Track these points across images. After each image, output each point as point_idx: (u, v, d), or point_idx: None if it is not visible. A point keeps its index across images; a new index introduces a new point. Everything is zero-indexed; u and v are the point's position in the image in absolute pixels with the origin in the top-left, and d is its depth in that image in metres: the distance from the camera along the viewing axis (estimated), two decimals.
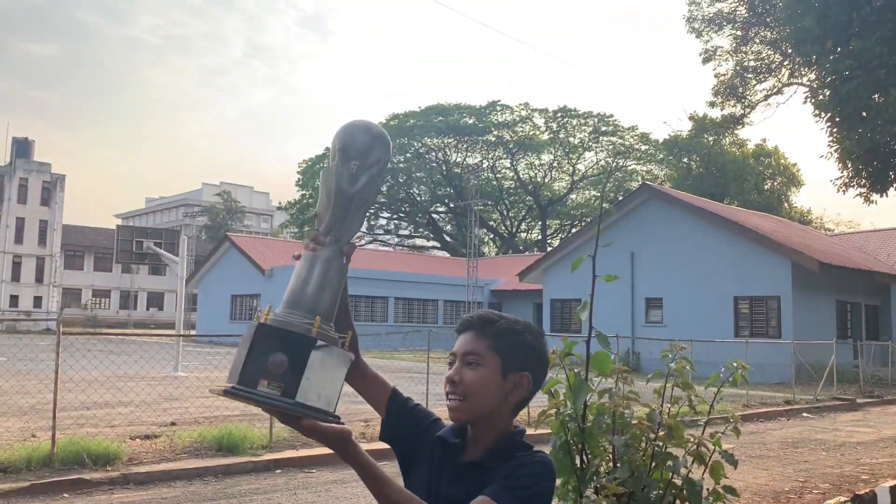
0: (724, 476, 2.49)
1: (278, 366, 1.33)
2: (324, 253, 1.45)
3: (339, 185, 1.46)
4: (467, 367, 1.59)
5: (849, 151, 13.07)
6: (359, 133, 1.50)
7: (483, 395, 1.58)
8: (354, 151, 1.48)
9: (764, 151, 47.89)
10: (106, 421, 10.35)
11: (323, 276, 1.44)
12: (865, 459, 10.17)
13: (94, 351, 12.77)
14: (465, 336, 1.64)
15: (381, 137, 1.52)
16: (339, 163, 1.47)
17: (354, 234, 1.53)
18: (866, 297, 27.05)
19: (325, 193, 1.48)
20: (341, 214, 1.48)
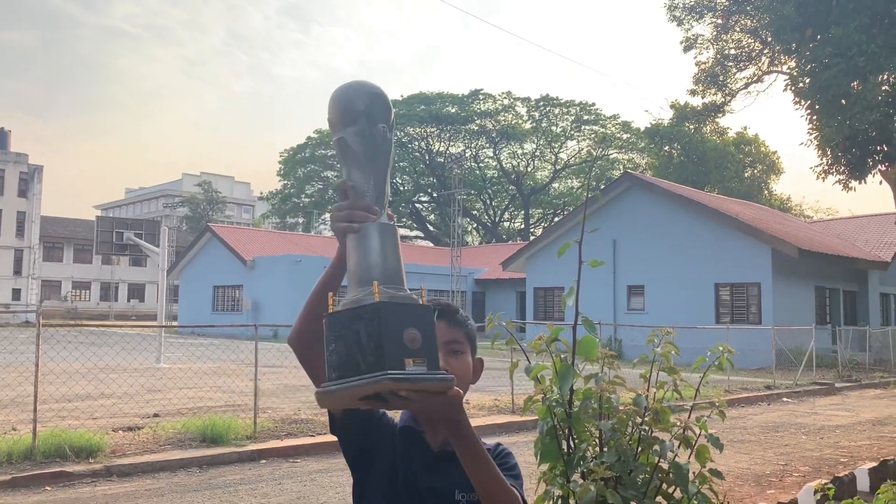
0: (709, 459, 2.51)
1: (415, 341, 1.25)
2: (385, 222, 1.38)
3: (376, 149, 1.41)
4: (452, 356, 1.62)
5: (828, 139, 13.17)
6: (376, 94, 1.44)
7: (466, 381, 1.64)
8: (379, 113, 1.43)
9: (744, 139, 48.23)
10: (88, 413, 10.27)
11: (395, 246, 1.38)
12: (844, 442, 10.32)
13: (74, 343, 12.65)
14: (440, 325, 1.62)
15: (386, 96, 1.48)
16: (367, 126, 1.41)
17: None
18: (845, 282, 27.39)
19: (363, 161, 1.40)
20: (382, 180, 1.42)
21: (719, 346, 2.50)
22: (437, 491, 1.56)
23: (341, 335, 1.26)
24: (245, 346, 16.07)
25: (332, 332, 1.27)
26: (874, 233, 30.66)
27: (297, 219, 64.58)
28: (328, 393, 1.25)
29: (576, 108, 60.77)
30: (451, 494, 1.57)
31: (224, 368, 15.38)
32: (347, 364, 1.24)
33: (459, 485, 1.56)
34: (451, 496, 1.57)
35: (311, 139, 63.60)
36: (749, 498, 6.88)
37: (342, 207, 1.38)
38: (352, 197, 1.39)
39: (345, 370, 1.24)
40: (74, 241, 64.86)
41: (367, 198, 1.39)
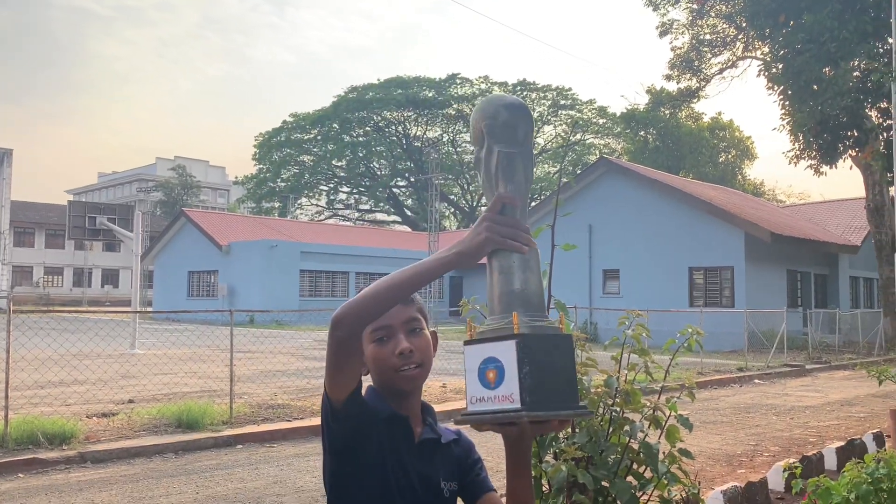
0: (679, 440, 2.55)
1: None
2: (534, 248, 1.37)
3: (531, 172, 1.41)
4: (414, 335, 1.57)
5: (800, 124, 13.35)
6: (528, 113, 1.43)
7: (430, 358, 1.61)
8: (532, 132, 1.43)
9: (719, 125, 48.63)
10: (61, 400, 10.17)
11: (539, 270, 1.37)
12: (813, 423, 10.53)
13: (46, 329, 12.49)
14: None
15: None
16: (530, 150, 1.41)
17: None
18: (816, 266, 27.83)
19: (522, 181, 1.38)
20: (526, 204, 1.42)
21: (688, 328, 2.55)
22: (424, 476, 1.55)
23: (536, 360, 1.26)
24: (221, 332, 15.97)
25: (525, 354, 1.26)
26: (845, 217, 31.15)
27: (272, 203, 64.09)
28: (537, 418, 1.29)
29: (552, 93, 60.86)
30: (437, 483, 1.57)
31: (199, 354, 15.29)
32: (545, 389, 1.27)
33: (443, 473, 1.58)
34: (437, 484, 1.57)
35: (287, 123, 63.04)
36: (720, 477, 7.01)
37: (507, 223, 1.34)
38: (510, 213, 1.36)
39: (544, 395, 1.26)
40: (46, 226, 63.82)
41: (521, 214, 1.38)
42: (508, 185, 1.37)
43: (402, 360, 1.53)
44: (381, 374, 1.55)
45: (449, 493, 1.57)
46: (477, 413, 1.32)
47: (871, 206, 23.99)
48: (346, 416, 1.45)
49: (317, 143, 62.38)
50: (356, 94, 60.90)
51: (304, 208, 66.36)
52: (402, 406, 1.57)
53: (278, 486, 6.67)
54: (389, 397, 1.58)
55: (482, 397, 1.31)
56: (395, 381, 1.54)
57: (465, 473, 1.63)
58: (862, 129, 13.74)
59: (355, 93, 61.09)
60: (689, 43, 27.47)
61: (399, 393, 1.56)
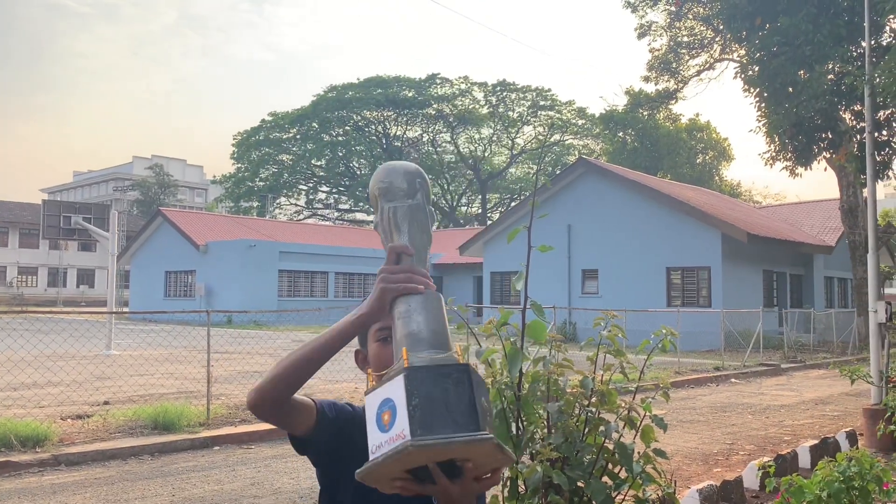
0: (654, 440, 2.57)
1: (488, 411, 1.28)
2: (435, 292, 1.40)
3: (427, 224, 1.46)
4: (383, 343, 1.57)
5: (776, 126, 13.49)
6: (423, 174, 1.51)
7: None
8: (426, 192, 1.49)
9: (696, 126, 49.05)
10: (34, 402, 10.03)
11: (443, 313, 1.38)
12: (788, 421, 10.66)
13: (20, 330, 12.31)
14: None
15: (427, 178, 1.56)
16: (423, 199, 1.46)
17: None
18: (791, 266, 28.18)
19: (419, 230, 1.44)
20: (426, 255, 1.47)
21: (662, 329, 2.56)
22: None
23: (425, 392, 1.23)
24: (198, 333, 15.84)
25: (414, 386, 1.23)
26: (819, 218, 31.57)
27: (251, 203, 63.68)
28: (425, 447, 1.20)
29: (532, 94, 61.06)
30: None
31: (176, 355, 15.16)
32: (438, 422, 1.21)
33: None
34: None
35: (266, 122, 62.70)
36: (696, 476, 7.07)
37: (400, 270, 1.37)
38: (405, 262, 1.40)
39: (435, 429, 1.20)
40: (20, 225, 62.90)
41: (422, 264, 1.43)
42: (400, 237, 1.43)
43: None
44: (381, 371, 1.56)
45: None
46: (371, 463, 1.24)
47: (845, 207, 24.34)
48: (318, 442, 1.49)
49: (296, 142, 62.10)
50: (335, 94, 60.70)
51: (283, 208, 66.05)
52: None
53: (255, 487, 6.63)
54: None
55: (380, 444, 1.25)
56: None
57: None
58: (836, 131, 13.92)
59: (335, 92, 60.89)
60: (667, 45, 27.70)
61: None
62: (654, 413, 2.56)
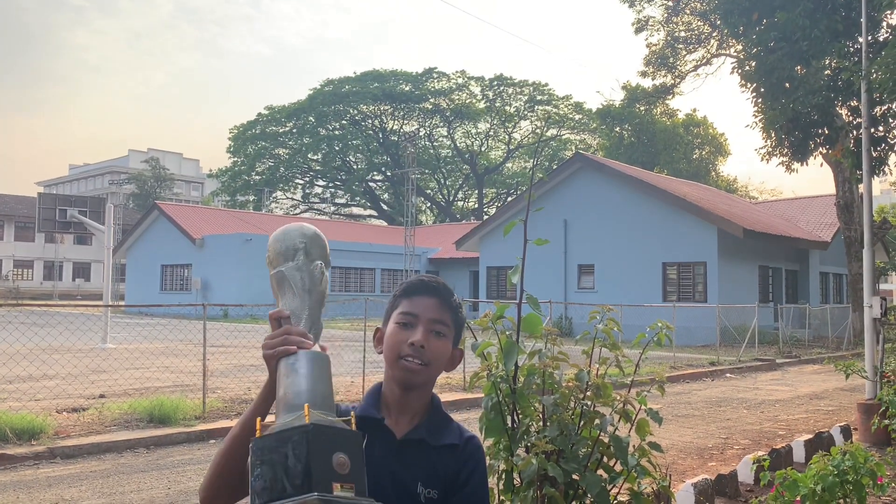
0: (649, 433, 2.58)
1: (343, 465, 1.24)
2: (317, 351, 1.41)
3: (313, 284, 1.48)
4: (434, 336, 1.59)
5: (772, 121, 13.50)
6: (314, 235, 1.53)
7: (440, 365, 1.61)
8: (316, 251, 1.52)
9: (693, 121, 49.09)
10: (30, 395, 10.02)
11: (327, 374, 1.38)
12: (783, 416, 10.69)
13: (15, 323, 12.30)
14: (432, 301, 1.61)
15: (324, 239, 1.57)
16: (305, 262, 1.49)
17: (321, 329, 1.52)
18: (787, 262, 28.24)
19: (300, 292, 1.46)
20: (318, 312, 1.49)
21: (658, 323, 2.57)
22: (399, 478, 1.51)
23: (267, 459, 1.21)
24: (194, 326, 15.83)
25: (257, 456, 1.22)
26: (815, 213, 31.64)
27: (247, 197, 63.58)
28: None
29: (529, 89, 61.01)
30: (413, 485, 1.52)
31: (172, 348, 15.15)
32: (273, 488, 1.19)
33: (422, 478, 1.53)
34: (414, 487, 1.52)
35: (262, 116, 62.54)
36: (691, 470, 7.10)
37: (276, 334, 1.39)
38: (293, 323, 1.43)
39: (270, 495, 1.19)
40: (16, 218, 62.76)
41: (303, 324, 1.44)
42: (281, 300, 1.47)
43: (411, 350, 1.55)
44: (388, 353, 1.59)
45: (426, 500, 1.52)
46: None
47: (840, 203, 24.38)
48: None
49: (292, 136, 61.98)
50: (332, 88, 60.58)
51: (280, 202, 65.94)
52: (399, 398, 1.58)
53: None
54: (389, 384, 1.60)
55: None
56: (395, 366, 1.57)
57: (450, 488, 1.55)
58: (832, 126, 13.94)
59: (331, 86, 60.77)
60: (664, 40, 27.69)
61: (397, 380, 1.58)
62: (649, 407, 2.57)
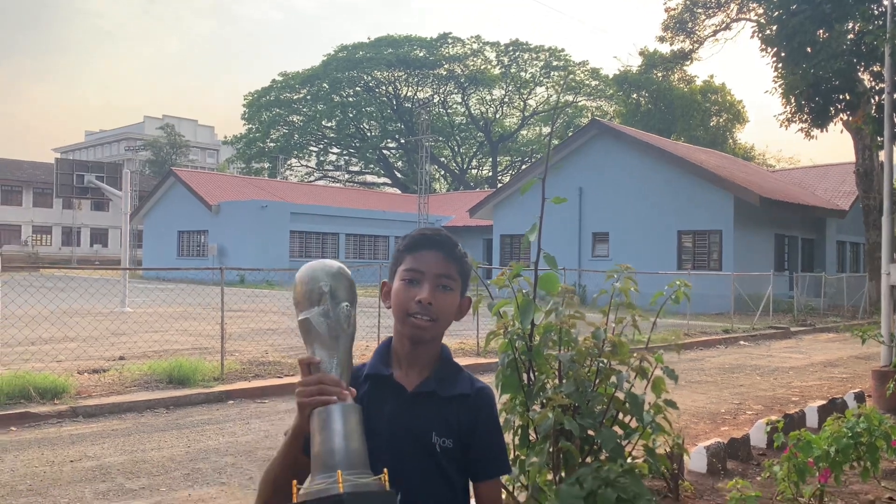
0: (664, 391, 2.60)
1: None
2: (349, 404, 1.41)
3: (340, 330, 1.47)
4: (440, 291, 1.59)
5: (792, 86, 13.30)
6: (338, 274, 1.51)
7: (449, 318, 1.63)
8: (342, 292, 1.50)
9: (711, 88, 48.40)
10: (52, 356, 10.19)
11: (359, 428, 1.40)
12: (796, 383, 10.71)
13: (35, 285, 12.47)
14: (435, 255, 1.61)
15: (348, 276, 1.55)
16: (331, 307, 1.47)
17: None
18: (803, 230, 28.01)
19: (328, 340, 1.46)
20: (347, 356, 1.48)
21: (676, 281, 2.58)
22: (413, 431, 1.55)
23: None
24: (211, 291, 15.99)
25: None
26: (833, 182, 31.27)
27: (262, 164, 63.63)
28: None
29: (545, 54, 60.29)
30: (427, 435, 1.55)
31: (190, 312, 15.31)
32: None
33: (436, 427, 1.56)
34: (428, 437, 1.55)
35: (276, 82, 62.29)
36: (704, 434, 7.14)
37: (310, 382, 1.41)
38: (315, 372, 1.43)
39: None
40: (33, 184, 63.22)
41: (335, 372, 1.44)
42: (311, 347, 1.46)
43: (418, 307, 1.56)
44: (396, 310, 1.60)
45: (441, 449, 1.56)
46: None
47: (860, 171, 24.06)
48: None
49: (306, 102, 61.75)
50: (346, 54, 60.14)
51: (294, 169, 65.97)
52: (409, 352, 1.60)
53: (270, 440, 6.75)
54: (399, 339, 1.63)
55: None
56: (405, 323, 1.59)
57: (466, 437, 1.59)
58: (854, 92, 13.70)
59: (345, 52, 60.32)
60: (683, 4, 27.19)
61: (407, 336, 1.60)
62: (665, 365, 2.59)
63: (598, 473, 2.13)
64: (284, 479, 1.46)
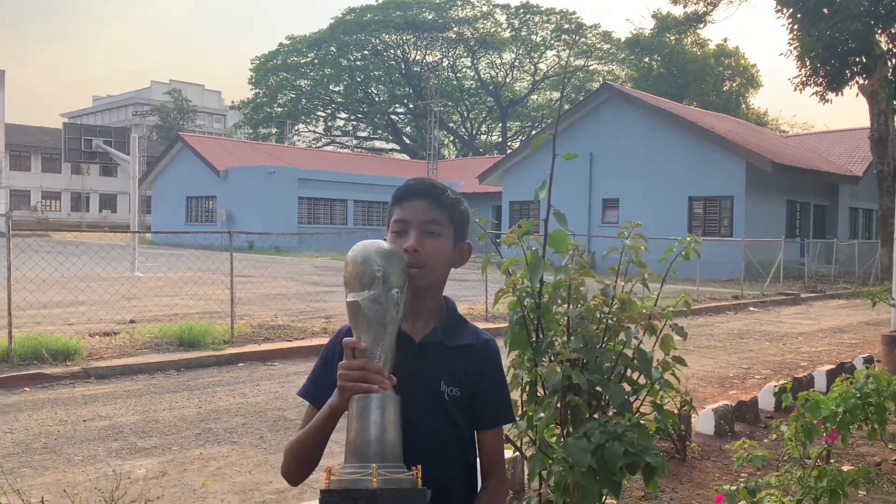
0: (673, 347, 2.59)
1: None
2: (389, 394, 1.40)
3: (389, 319, 1.44)
4: (428, 237, 1.58)
5: (808, 49, 13.09)
6: (390, 256, 1.47)
7: (440, 264, 1.61)
8: (394, 277, 1.46)
9: (724, 52, 47.69)
10: (63, 319, 10.29)
11: (397, 419, 1.39)
12: (806, 348, 10.70)
13: (45, 249, 12.53)
14: (420, 204, 1.60)
15: (401, 258, 1.51)
16: (382, 293, 1.43)
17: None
18: (816, 196, 27.77)
19: (375, 326, 1.43)
20: (392, 343, 1.46)
21: (687, 237, 2.55)
22: (422, 380, 1.55)
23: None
24: (220, 257, 16.01)
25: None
26: (847, 147, 30.90)
27: (269, 129, 63.38)
28: None
29: (556, 17, 59.44)
30: (436, 384, 1.57)
31: (200, 278, 15.36)
32: None
33: (445, 376, 1.57)
34: (437, 386, 1.57)
35: (283, 46, 61.73)
36: (712, 398, 7.16)
37: (354, 367, 1.40)
38: (359, 357, 1.41)
39: None
40: (42, 149, 63.28)
41: (381, 362, 1.43)
42: (357, 331, 1.44)
43: (407, 257, 1.54)
44: None
45: (450, 398, 1.57)
46: None
47: (874, 136, 23.75)
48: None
49: (314, 66, 61.24)
50: (354, 17, 59.46)
51: (302, 134, 65.70)
52: (412, 303, 1.59)
53: (280, 401, 6.81)
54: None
55: None
56: None
57: (472, 387, 1.61)
58: (871, 55, 13.48)
59: (353, 15, 59.64)
60: None
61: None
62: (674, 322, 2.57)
63: (605, 428, 2.12)
64: (313, 451, 1.53)
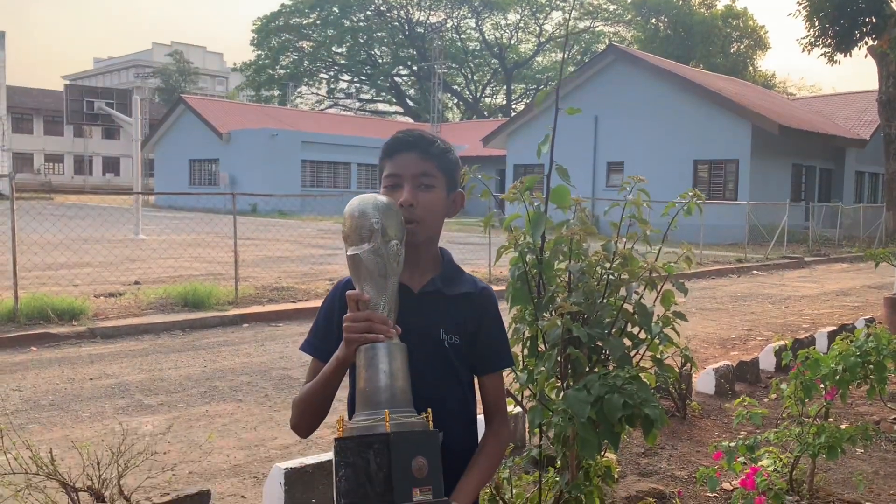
0: (674, 303, 2.59)
1: (422, 469, 1.31)
2: (396, 342, 1.42)
3: (390, 269, 1.45)
4: (423, 190, 1.58)
5: (817, 8, 12.89)
6: (388, 208, 1.48)
7: (437, 216, 1.62)
8: (392, 229, 1.47)
9: (732, 13, 46.97)
10: (68, 280, 10.35)
11: (405, 366, 1.42)
12: (808, 311, 10.73)
13: (48, 212, 12.56)
14: (410, 156, 1.59)
15: (398, 212, 1.51)
16: (382, 244, 1.44)
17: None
18: (822, 160, 27.57)
19: (377, 278, 1.44)
20: (394, 293, 1.47)
21: (689, 192, 2.54)
22: (422, 328, 1.57)
23: (350, 462, 1.31)
24: (224, 220, 16.04)
25: (341, 457, 1.32)
26: (855, 110, 30.58)
27: (272, 91, 62.85)
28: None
29: None
30: (436, 332, 1.59)
31: (203, 240, 15.42)
32: (356, 492, 1.30)
33: (444, 325, 1.60)
34: (437, 334, 1.59)
35: (285, 7, 60.90)
36: (713, 359, 7.21)
37: (358, 318, 1.41)
38: (363, 309, 1.43)
39: (353, 498, 1.30)
40: (44, 112, 62.92)
41: (383, 312, 1.44)
42: (359, 284, 1.46)
43: (402, 212, 1.54)
44: None
45: (450, 345, 1.60)
46: None
47: (883, 99, 23.45)
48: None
49: (316, 28, 60.48)
50: None
51: (304, 97, 65.17)
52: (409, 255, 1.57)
53: (284, 360, 6.88)
54: None
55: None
56: None
57: (471, 335, 1.63)
58: (881, 15, 13.28)
59: None
60: None
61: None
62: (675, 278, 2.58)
63: (605, 380, 2.14)
64: (321, 403, 1.56)
